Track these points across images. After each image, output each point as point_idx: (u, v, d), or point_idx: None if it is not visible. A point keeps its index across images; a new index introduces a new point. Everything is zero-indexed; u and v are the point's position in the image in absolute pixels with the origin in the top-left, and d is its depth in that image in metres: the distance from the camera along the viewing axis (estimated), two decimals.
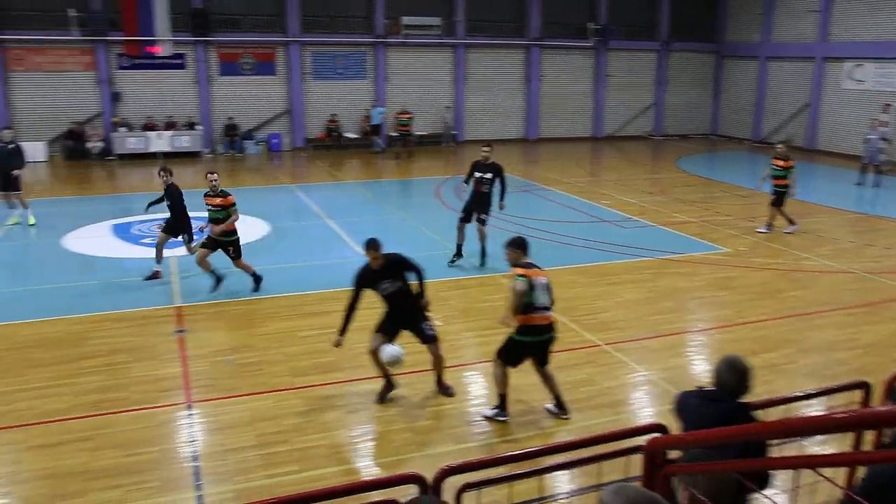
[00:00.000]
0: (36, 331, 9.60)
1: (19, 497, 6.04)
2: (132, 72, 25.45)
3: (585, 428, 7.13)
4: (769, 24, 30.21)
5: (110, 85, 25.15)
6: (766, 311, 10.60)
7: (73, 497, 6.00)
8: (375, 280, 7.49)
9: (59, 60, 24.61)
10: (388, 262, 7.46)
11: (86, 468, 6.40)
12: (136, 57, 25.19)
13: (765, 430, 2.92)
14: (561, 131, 31.53)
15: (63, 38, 24.23)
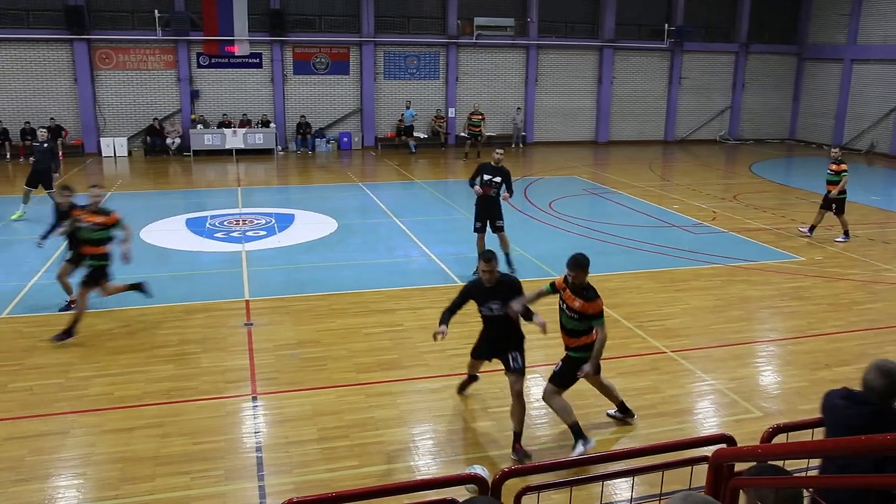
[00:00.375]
0: (112, 319, 9.96)
1: (93, 478, 6.27)
2: (210, 70, 26.21)
3: (648, 436, 7.00)
4: (855, 25, 29.10)
5: (190, 83, 25.95)
6: (841, 323, 10.21)
7: (143, 481, 6.19)
8: (484, 298, 6.91)
9: (142, 59, 25.54)
10: (503, 283, 6.86)
11: (155, 454, 6.61)
12: (215, 56, 25.94)
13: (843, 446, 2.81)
14: (632, 134, 31.06)
15: (147, 38, 25.12)
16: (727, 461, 3.59)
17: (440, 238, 14.51)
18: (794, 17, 32.00)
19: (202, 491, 6.09)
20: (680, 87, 31.13)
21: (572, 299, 6.81)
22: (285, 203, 18.11)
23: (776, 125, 32.87)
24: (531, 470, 4.01)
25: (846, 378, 8.39)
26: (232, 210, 16.95)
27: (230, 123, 25.94)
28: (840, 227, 14.71)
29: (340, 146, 27.66)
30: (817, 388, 8.15)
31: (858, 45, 29.01)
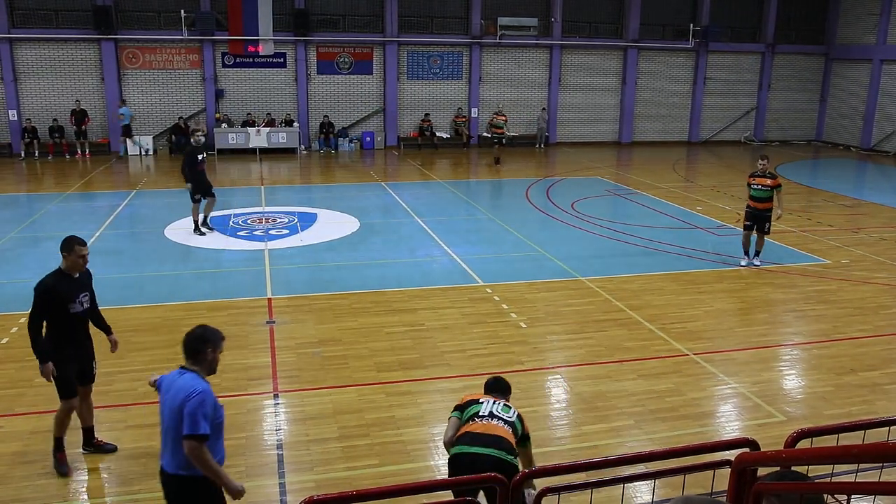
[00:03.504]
0: (136, 316, 10.07)
1: (116, 472, 6.35)
2: (235, 70, 26.41)
3: (670, 439, 6.95)
4: (885, 25, 28.67)
5: (214, 82, 26.16)
6: (867, 327, 10.07)
7: None
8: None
9: (168, 59, 25.79)
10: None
11: None
12: (240, 55, 26.14)
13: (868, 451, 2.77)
14: (655, 135, 30.85)
15: (172, 38, 25.37)
16: (750, 465, 3.56)
17: (462, 238, 14.51)
18: (821, 17, 31.60)
19: None
20: (705, 87, 30.86)
21: None
22: (308, 202, 18.20)
23: (802, 126, 32.48)
24: (551, 471, 4.00)
25: (872, 383, 8.30)
26: (255, 209, 17.07)
27: (254, 122, 26.11)
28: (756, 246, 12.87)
29: (363, 146, 27.74)
30: (842, 393, 8.06)
31: (888, 45, 28.58)
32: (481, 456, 4.70)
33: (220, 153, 25.47)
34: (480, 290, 11.32)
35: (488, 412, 5.05)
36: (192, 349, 4.50)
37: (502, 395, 5.38)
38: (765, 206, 12.47)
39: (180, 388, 4.40)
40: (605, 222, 15.96)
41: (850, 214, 17.46)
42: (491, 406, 5.11)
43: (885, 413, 7.40)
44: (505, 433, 4.90)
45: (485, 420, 4.98)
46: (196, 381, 4.40)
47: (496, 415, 5.04)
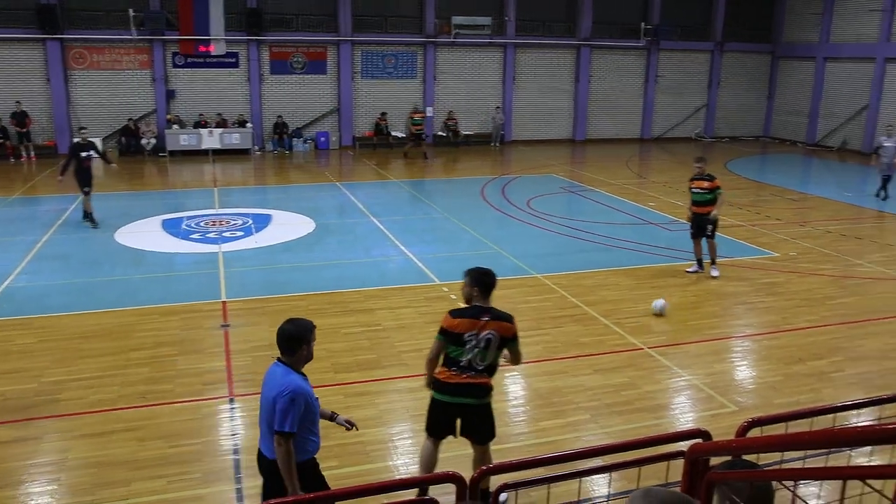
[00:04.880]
0: (87, 322, 9.85)
1: (67, 484, 6.20)
2: (186, 70, 25.98)
3: (625, 432, 7.04)
4: (828, 24, 29.45)
5: (165, 83, 25.70)
6: (814, 317, 10.33)
7: (119, 486, 6.13)
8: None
9: (117, 59, 25.24)
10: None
11: (131, 458, 6.54)
12: (191, 55, 25.72)
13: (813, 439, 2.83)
14: (609, 132, 31.23)
15: (121, 38, 24.85)
16: (703, 456, 3.61)
17: (418, 237, 14.50)
18: (768, 15, 32.34)
19: (179, 494, 6.04)
20: (656, 85, 31.34)
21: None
22: (262, 203, 18.00)
23: (751, 123, 33.19)
24: (509, 467, 4.02)
25: (819, 371, 8.52)
26: (208, 211, 16.83)
27: (206, 123, 25.72)
28: (697, 253, 12.35)
29: (318, 146, 27.53)
30: (791, 382, 8.26)
31: (831, 44, 29.38)
32: (452, 405, 5.60)
33: (171, 155, 25.03)
34: (437, 289, 11.33)
35: (467, 362, 5.52)
36: (286, 347, 4.74)
37: (488, 294, 5.68)
38: (706, 210, 11.93)
39: (276, 382, 4.63)
40: (561, 219, 16.10)
41: (796, 208, 17.90)
42: (470, 355, 5.51)
43: (831, 400, 7.60)
44: (481, 380, 5.57)
45: (464, 372, 5.55)
46: (288, 378, 4.62)
47: (474, 366, 5.53)
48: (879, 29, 27.18)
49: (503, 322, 5.58)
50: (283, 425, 4.52)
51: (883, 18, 26.93)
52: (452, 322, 5.55)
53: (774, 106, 32.81)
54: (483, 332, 5.50)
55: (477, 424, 5.75)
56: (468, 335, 5.49)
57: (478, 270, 5.75)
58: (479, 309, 5.59)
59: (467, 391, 5.59)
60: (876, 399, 4.45)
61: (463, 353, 5.52)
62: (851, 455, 5.55)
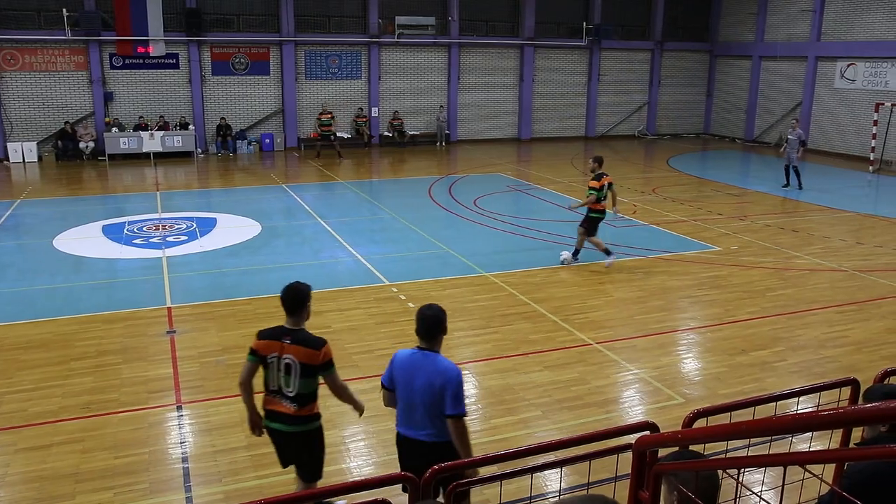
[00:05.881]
0: (25, 332, 9.55)
1: (8, 500, 6.00)
2: (124, 71, 25.37)
3: (576, 426, 7.13)
4: (762, 23, 30.31)
5: (103, 85, 25.06)
6: (755, 309, 10.62)
7: (63, 499, 5.96)
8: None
9: (51, 60, 24.51)
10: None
11: (76, 470, 6.37)
12: (129, 56, 25.13)
13: (755, 427, 2.92)
14: (553, 131, 31.57)
15: (55, 38, 24.14)
16: (650, 448, 3.68)
17: (366, 238, 14.45)
18: (705, 15, 33.11)
19: None
20: (599, 83, 31.80)
21: None
22: (207, 207, 17.71)
23: (691, 120, 33.93)
24: (462, 467, 4.04)
25: (762, 361, 8.76)
26: (151, 215, 16.48)
27: (147, 126, 25.17)
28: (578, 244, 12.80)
29: (262, 147, 27.19)
30: (735, 373, 8.47)
31: (765, 43, 30.22)
32: (272, 430, 5.31)
33: (111, 158, 24.44)
34: (386, 290, 11.31)
35: (276, 386, 5.16)
36: (429, 333, 4.79)
37: (293, 312, 5.23)
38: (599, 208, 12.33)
39: (434, 369, 4.72)
40: (508, 218, 16.22)
41: (737, 203, 18.36)
42: (276, 380, 5.14)
43: (773, 389, 7.82)
44: (290, 409, 5.17)
45: (275, 397, 5.20)
46: (448, 363, 4.78)
47: (284, 392, 5.15)
48: (810, 29, 28.06)
49: (305, 347, 5.08)
50: (460, 408, 4.70)
51: (813, 19, 27.82)
52: (258, 343, 5.15)
53: (714, 104, 33.61)
54: (283, 355, 5.07)
55: (293, 455, 5.35)
56: (270, 357, 5.10)
57: (286, 287, 5.27)
58: (283, 330, 5.15)
59: (278, 417, 5.19)
60: (814, 386, 4.61)
61: (269, 376, 5.13)
62: (793, 441, 5.73)
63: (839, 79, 27.23)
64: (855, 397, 4.53)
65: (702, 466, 3.03)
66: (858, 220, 16.82)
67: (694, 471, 2.99)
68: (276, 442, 5.38)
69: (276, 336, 5.12)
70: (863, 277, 12.16)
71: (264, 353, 5.12)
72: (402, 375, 4.85)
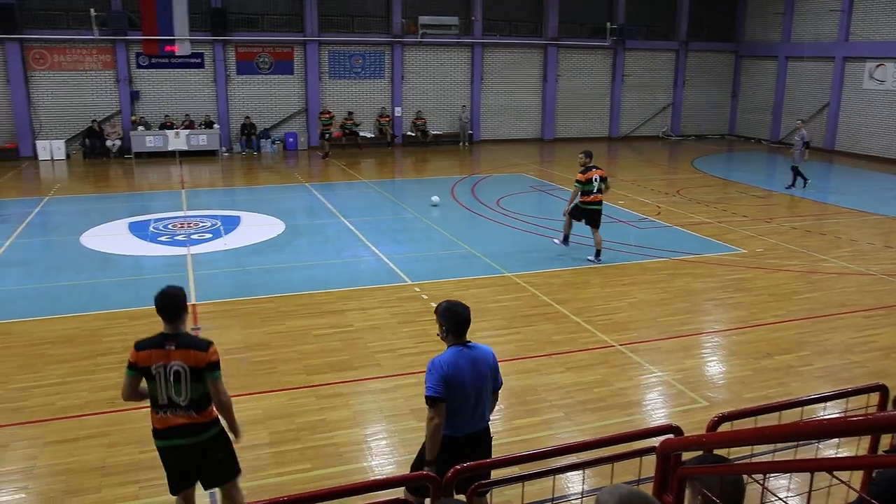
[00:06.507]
0: (53, 327, 9.68)
1: (36, 492, 6.09)
2: (151, 71, 25.64)
3: (598, 429, 7.10)
4: (789, 23, 29.98)
5: (129, 84, 25.35)
6: (781, 312, 10.51)
7: (89, 492, 6.04)
8: None
9: (79, 59, 24.84)
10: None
11: (102, 464, 6.45)
12: (155, 56, 25.39)
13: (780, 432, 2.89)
14: (577, 131, 31.45)
15: (83, 38, 24.45)
16: (674, 451, 3.66)
17: (389, 238, 14.48)
18: (731, 15, 32.81)
19: (151, 500, 5.97)
20: (623, 84, 31.63)
21: None
22: (231, 205, 17.84)
23: (716, 121, 33.64)
24: (484, 466, 4.04)
25: (787, 365, 8.67)
26: (176, 213, 16.64)
27: (172, 125, 25.42)
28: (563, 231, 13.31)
29: (286, 147, 27.35)
30: (760, 377, 8.39)
31: (792, 43, 29.89)
32: (171, 449, 4.97)
33: (137, 156, 24.71)
34: (409, 289, 11.33)
35: (166, 399, 4.83)
36: (466, 328, 4.88)
37: (171, 319, 4.92)
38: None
39: (484, 354, 4.93)
40: (531, 218, 16.18)
41: (762, 205, 18.18)
42: (165, 391, 4.82)
43: (799, 394, 7.73)
44: (188, 419, 4.88)
45: (168, 412, 4.86)
46: (483, 345, 5.01)
47: (176, 403, 4.84)
48: (838, 29, 27.71)
49: (191, 350, 4.86)
50: (500, 378, 5.12)
51: (842, 19, 27.47)
52: (137, 355, 4.83)
53: (739, 104, 33.30)
54: (170, 362, 4.80)
55: (203, 464, 5.04)
56: (155, 368, 4.80)
57: (161, 294, 4.98)
58: (164, 337, 4.88)
59: (179, 432, 4.89)
60: (842, 392, 4.55)
61: (155, 390, 4.82)
62: (819, 447, 5.66)
63: (868, 80, 26.87)
64: (884, 403, 4.47)
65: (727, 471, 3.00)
66: (887, 223, 16.58)
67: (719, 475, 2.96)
68: (178, 459, 4.98)
69: (158, 344, 4.83)
70: (891, 281, 11.99)
71: (146, 364, 4.79)
72: (462, 377, 4.76)
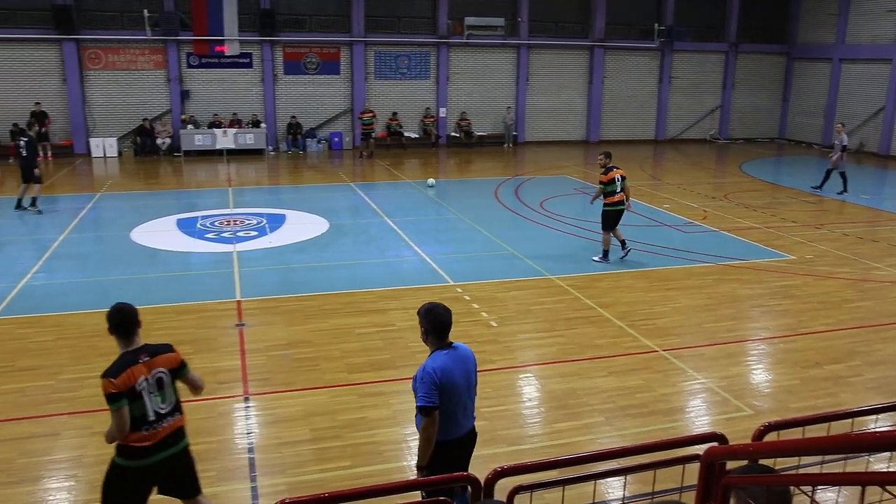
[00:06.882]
0: (103, 320, 9.85)
1: (84, 480, 6.25)
2: (201, 70, 26.12)
3: (640, 434, 7.02)
4: (844, 24, 29.26)
5: (180, 83, 25.85)
6: (831, 321, 10.26)
7: None
8: None
9: (132, 59, 25.42)
10: None
11: None
12: (205, 56, 25.85)
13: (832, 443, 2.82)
14: (622, 133, 31.15)
15: (136, 38, 25.01)
16: (719, 459, 3.60)
17: (432, 238, 14.51)
18: (782, 16, 32.16)
19: None
20: (670, 86, 31.23)
21: None
22: (276, 203, 18.07)
23: (766, 124, 33.01)
24: (524, 469, 4.02)
25: (836, 375, 8.46)
26: (223, 210, 16.91)
27: (220, 123, 25.86)
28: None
29: (331, 146, 27.62)
30: (808, 386, 8.21)
31: (847, 45, 29.17)
32: (155, 466, 4.85)
33: (186, 154, 25.19)
34: (451, 290, 11.34)
35: (154, 413, 4.83)
36: (448, 330, 5.03)
37: (124, 334, 4.93)
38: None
39: (466, 352, 5.08)
40: (575, 221, 16.07)
41: (813, 210, 17.79)
42: (151, 404, 4.81)
43: (849, 405, 7.55)
44: (175, 424, 5.00)
45: (157, 425, 4.85)
46: (461, 344, 5.15)
47: (162, 413, 4.87)
48: (895, 30, 27.00)
49: (163, 355, 4.97)
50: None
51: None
52: (116, 382, 4.67)
53: (790, 107, 32.62)
54: (152, 371, 4.84)
55: (181, 475, 5.08)
56: (138, 385, 4.74)
57: (114, 311, 4.99)
58: (132, 353, 4.85)
59: (171, 440, 4.93)
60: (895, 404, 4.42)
61: (145, 405, 4.77)
62: (870, 460, 5.51)
63: None
64: None
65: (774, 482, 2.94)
66: None
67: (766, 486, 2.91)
68: (163, 472, 4.93)
69: (131, 362, 4.78)
70: None
71: (130, 384, 4.70)
72: (452, 379, 4.91)
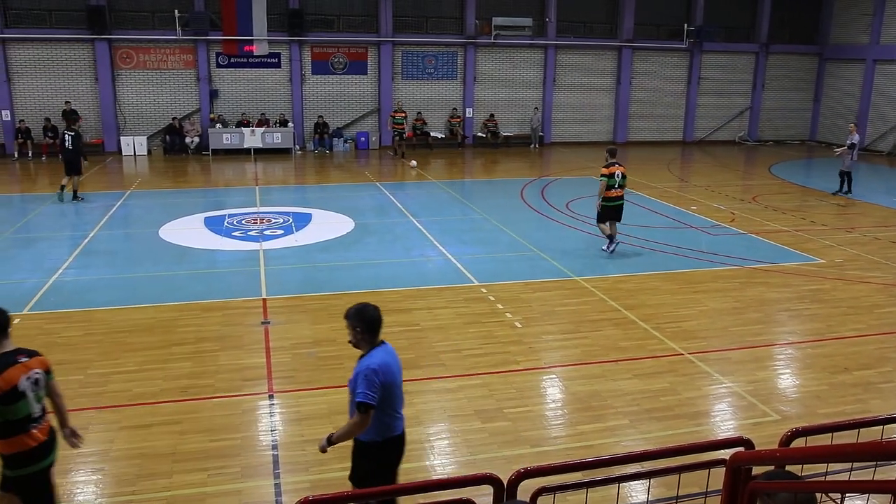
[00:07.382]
0: (131, 316, 10.04)
1: (111, 474, 6.33)
2: (229, 70, 26.37)
3: (665, 438, 6.95)
4: (878, 25, 28.78)
5: (209, 83, 26.11)
6: (861, 326, 10.10)
7: (160, 477, 6.24)
8: None
9: (162, 59, 25.73)
10: None
11: (173, 450, 6.66)
12: (234, 56, 26.08)
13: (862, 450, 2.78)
14: (650, 134, 30.92)
15: (167, 38, 25.32)
16: (745, 464, 3.56)
17: (457, 238, 14.51)
18: (815, 17, 31.72)
19: (219, 488, 6.13)
20: (699, 87, 30.93)
21: None
22: (303, 202, 18.18)
23: (796, 126, 32.58)
24: (547, 471, 4.00)
25: (866, 381, 8.33)
26: (250, 209, 17.05)
27: (248, 123, 26.07)
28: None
29: (358, 146, 27.72)
30: (836, 392, 8.08)
31: (881, 46, 28.69)
32: (48, 469, 4.83)
33: (214, 153, 25.43)
34: (475, 290, 11.32)
35: (40, 410, 4.78)
36: (381, 327, 5.23)
37: (5, 337, 4.73)
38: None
39: (394, 350, 5.32)
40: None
41: (843, 214, 17.52)
42: (35, 403, 4.73)
43: (878, 412, 7.43)
44: (48, 425, 4.89)
45: (34, 427, 4.74)
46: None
47: (37, 416, 4.77)
48: None
49: (37, 357, 4.85)
50: None
51: None
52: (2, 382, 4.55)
53: (821, 109, 32.15)
54: (30, 372, 4.71)
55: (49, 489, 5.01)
56: (21, 384, 4.62)
57: None
58: (10, 353, 4.70)
59: (52, 445, 4.90)
60: None
61: (28, 405, 4.65)
62: None
63: None
64: None
65: (802, 488, 2.90)
66: None
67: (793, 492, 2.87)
68: (44, 481, 4.87)
69: (11, 361, 4.65)
70: None
71: (14, 383, 4.59)
72: (393, 376, 5.18)
